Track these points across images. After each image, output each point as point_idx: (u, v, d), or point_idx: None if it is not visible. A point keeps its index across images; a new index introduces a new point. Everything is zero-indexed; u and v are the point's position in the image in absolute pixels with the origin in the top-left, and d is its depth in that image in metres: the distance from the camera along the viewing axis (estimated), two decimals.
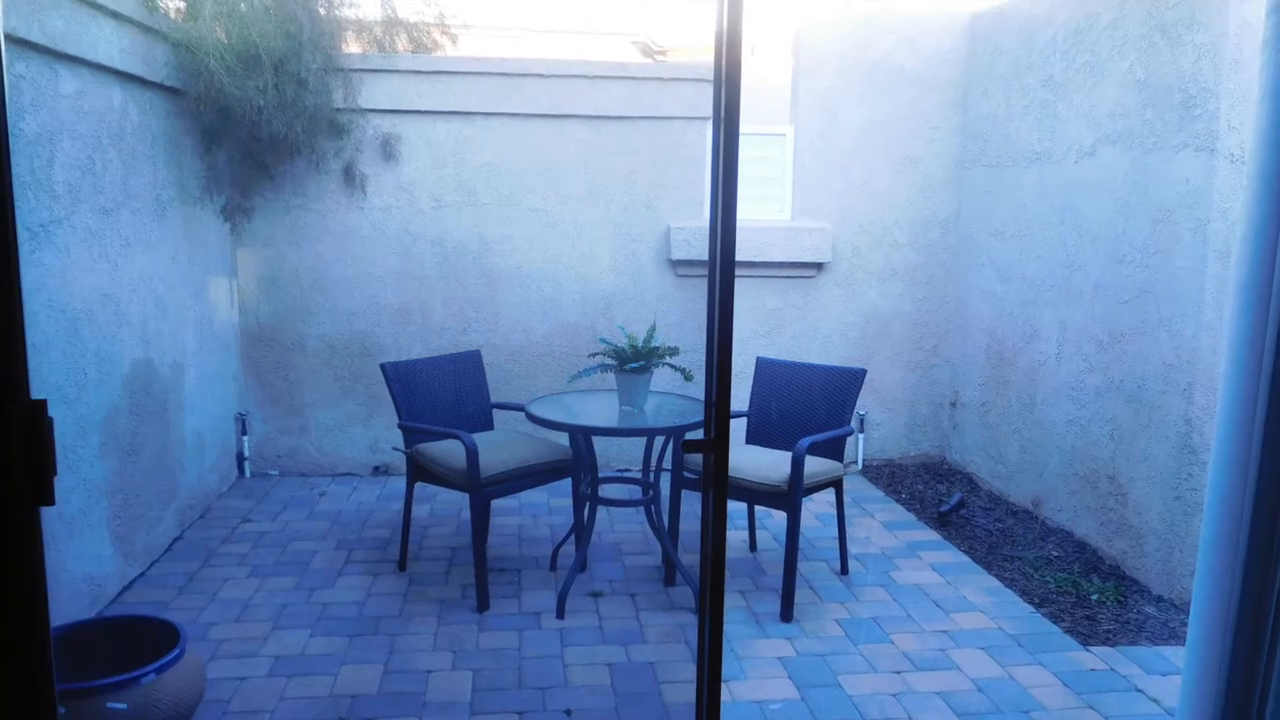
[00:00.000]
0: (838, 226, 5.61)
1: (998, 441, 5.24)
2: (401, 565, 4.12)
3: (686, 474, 3.94)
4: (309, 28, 4.61)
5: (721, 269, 1.99)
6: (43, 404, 1.19)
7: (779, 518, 4.59)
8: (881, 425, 5.83)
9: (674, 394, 4.38)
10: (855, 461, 5.75)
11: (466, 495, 3.81)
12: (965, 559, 4.36)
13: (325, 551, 4.30)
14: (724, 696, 2.90)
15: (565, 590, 3.75)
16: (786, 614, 3.71)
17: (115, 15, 3.70)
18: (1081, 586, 4.02)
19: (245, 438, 5.32)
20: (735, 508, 4.42)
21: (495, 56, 5.27)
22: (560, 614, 3.70)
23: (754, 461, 3.88)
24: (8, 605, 1.20)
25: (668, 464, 4.04)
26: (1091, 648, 3.52)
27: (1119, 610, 3.82)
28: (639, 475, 4.37)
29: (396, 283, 5.33)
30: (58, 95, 3.36)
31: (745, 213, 5.48)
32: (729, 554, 4.25)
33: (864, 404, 5.67)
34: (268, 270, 5.25)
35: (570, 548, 4.16)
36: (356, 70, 5.02)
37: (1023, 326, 4.97)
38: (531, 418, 3.85)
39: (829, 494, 4.28)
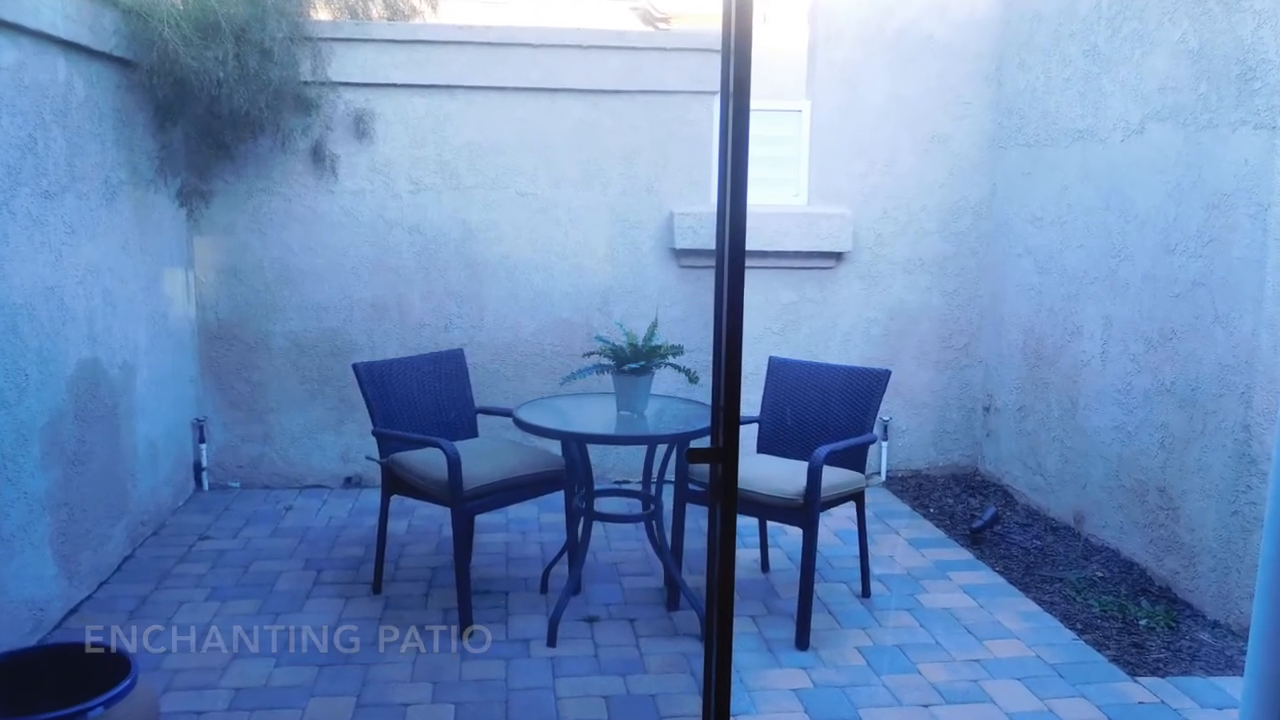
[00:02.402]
0: (858, 212, 5.61)
1: (1036, 450, 5.25)
2: (376, 587, 4.12)
3: (691, 486, 3.94)
4: None
5: (730, 259, 1.99)
6: None
7: (794, 535, 4.58)
8: (907, 432, 5.83)
9: (677, 398, 4.38)
10: (878, 472, 5.75)
11: (448, 510, 3.81)
12: (1000, 580, 4.36)
13: (292, 572, 4.30)
14: None
15: (557, 615, 3.75)
16: (802, 641, 3.71)
17: None
18: (1129, 610, 4.02)
19: (203, 446, 5.32)
20: (745, 524, 4.42)
21: (479, 24, 5.27)
22: (552, 641, 3.70)
23: (766, 472, 3.88)
24: None
25: (670, 475, 4.03)
26: (1140, 678, 3.52)
27: (1170, 637, 3.82)
28: (639, 488, 4.37)
29: (370, 274, 5.33)
30: None
31: (756, 197, 5.43)
32: (738, 575, 4.24)
33: (888, 409, 5.67)
34: (228, 261, 5.25)
35: (563, 568, 4.16)
36: (326, 39, 5.02)
37: (1063, 323, 4.97)
38: (520, 424, 3.85)
39: (849, 508, 4.28)
